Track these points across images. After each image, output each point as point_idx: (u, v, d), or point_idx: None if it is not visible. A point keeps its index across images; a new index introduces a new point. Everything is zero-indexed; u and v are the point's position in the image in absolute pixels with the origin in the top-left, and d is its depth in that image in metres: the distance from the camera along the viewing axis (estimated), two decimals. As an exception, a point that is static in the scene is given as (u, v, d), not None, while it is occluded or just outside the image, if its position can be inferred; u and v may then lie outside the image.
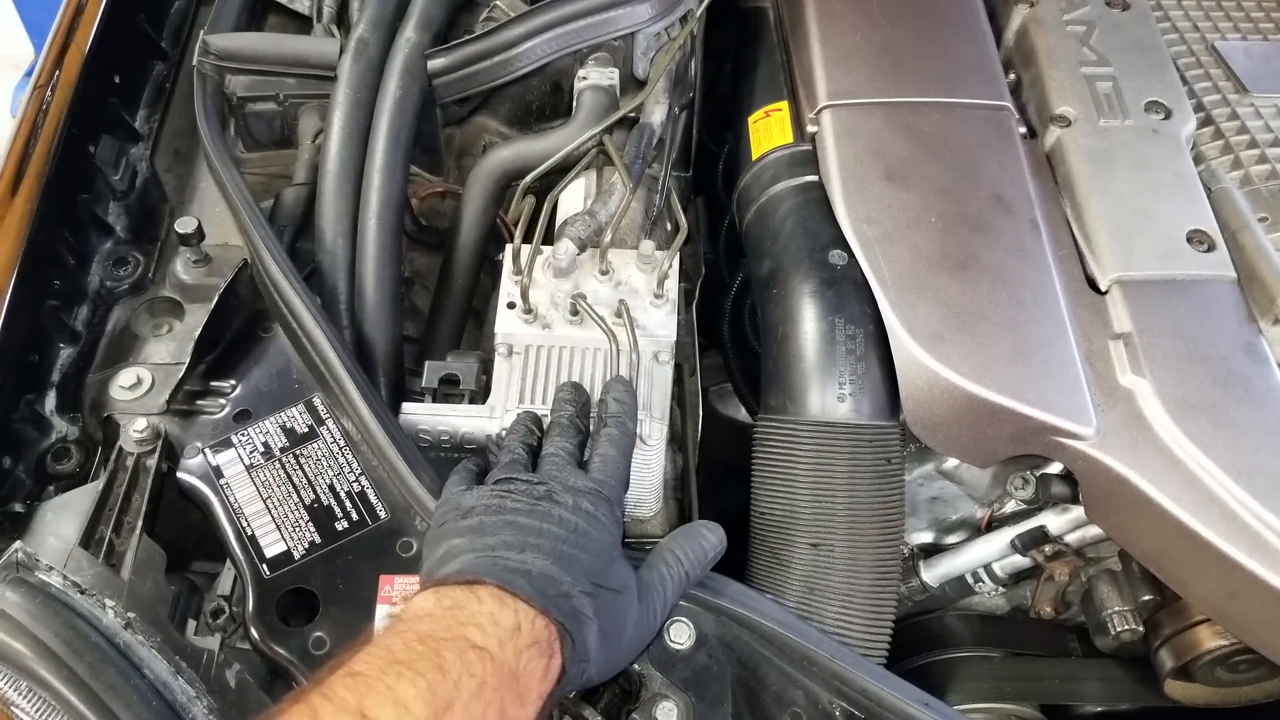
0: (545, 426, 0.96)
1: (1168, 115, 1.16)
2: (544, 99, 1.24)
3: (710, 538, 0.92)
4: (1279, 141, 1.17)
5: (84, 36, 1.13)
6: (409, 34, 1.16)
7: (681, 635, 0.91)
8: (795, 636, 0.91)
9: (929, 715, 0.86)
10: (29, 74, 3.06)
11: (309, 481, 0.97)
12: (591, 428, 0.96)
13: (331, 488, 0.97)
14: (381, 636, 0.72)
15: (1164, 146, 1.14)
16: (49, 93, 1.09)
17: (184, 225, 1.04)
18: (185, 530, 1.02)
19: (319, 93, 1.17)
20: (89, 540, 0.92)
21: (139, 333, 1.06)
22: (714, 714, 0.88)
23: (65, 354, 1.04)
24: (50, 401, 1.02)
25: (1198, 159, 1.16)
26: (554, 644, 0.76)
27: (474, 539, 0.81)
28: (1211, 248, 1.07)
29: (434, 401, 1.05)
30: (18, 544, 0.89)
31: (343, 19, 1.26)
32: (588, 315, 1.03)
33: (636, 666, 0.89)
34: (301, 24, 1.32)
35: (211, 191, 1.14)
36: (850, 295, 1.05)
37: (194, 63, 1.15)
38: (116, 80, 1.16)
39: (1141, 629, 1.08)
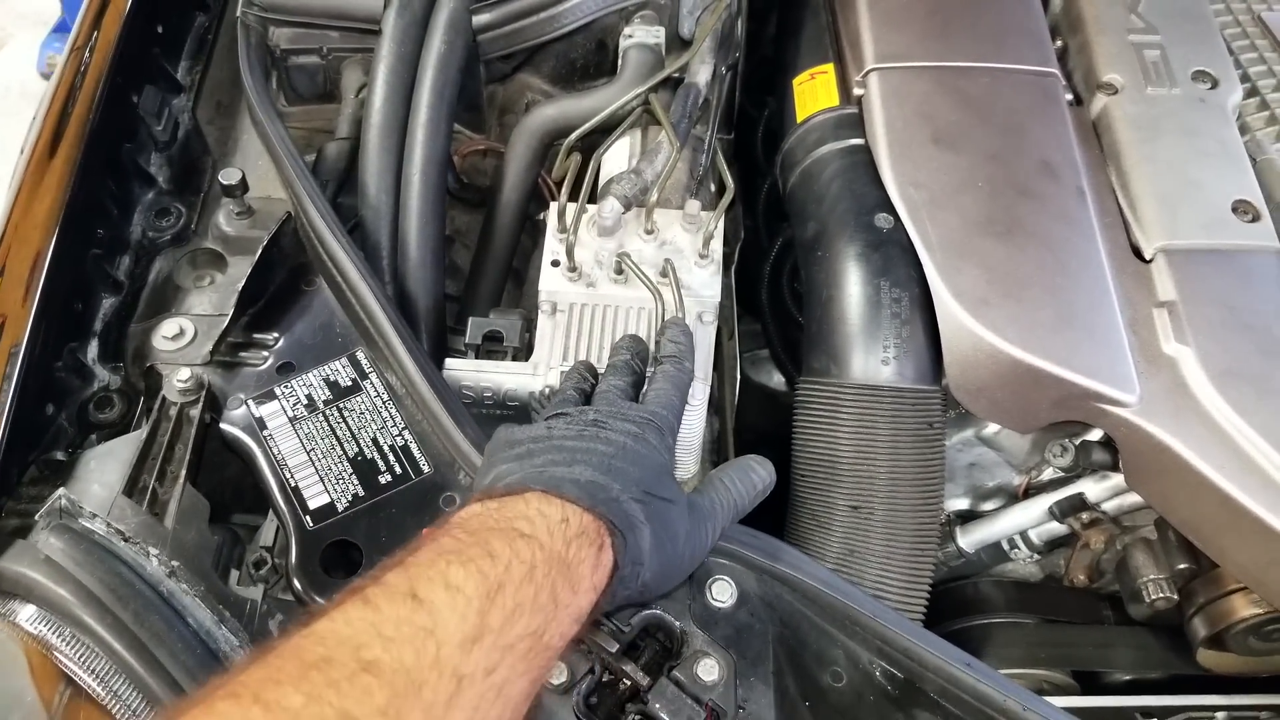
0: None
1: (1214, 85, 1.16)
2: (588, 57, 1.23)
3: (760, 472, 0.92)
4: (1325, 113, 1.16)
5: None
6: (454, -13, 1.15)
7: (724, 593, 0.91)
8: (838, 596, 0.90)
9: (971, 675, 0.86)
10: (56, 31, 3.07)
11: (352, 435, 0.98)
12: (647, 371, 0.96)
13: (375, 441, 0.97)
14: (427, 537, 0.71)
15: (1210, 116, 1.13)
16: (87, 54, 1.08)
17: (228, 176, 1.03)
18: (223, 482, 1.02)
19: (362, 46, 1.17)
20: (132, 489, 0.92)
21: (181, 284, 1.06)
22: (755, 672, 0.88)
23: (108, 303, 1.04)
24: (93, 350, 1.02)
25: (1243, 129, 1.15)
26: (604, 536, 0.75)
27: (522, 462, 0.81)
28: (1256, 218, 1.07)
29: (477, 358, 1.05)
30: (61, 490, 0.89)
31: (388, -28, 1.25)
32: (633, 274, 1.03)
33: (679, 624, 0.89)
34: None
35: (254, 144, 1.14)
36: (896, 258, 1.04)
37: (238, 14, 1.15)
38: (159, 30, 1.16)
39: (1176, 597, 1.08)
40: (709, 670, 0.87)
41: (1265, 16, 1.25)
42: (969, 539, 1.17)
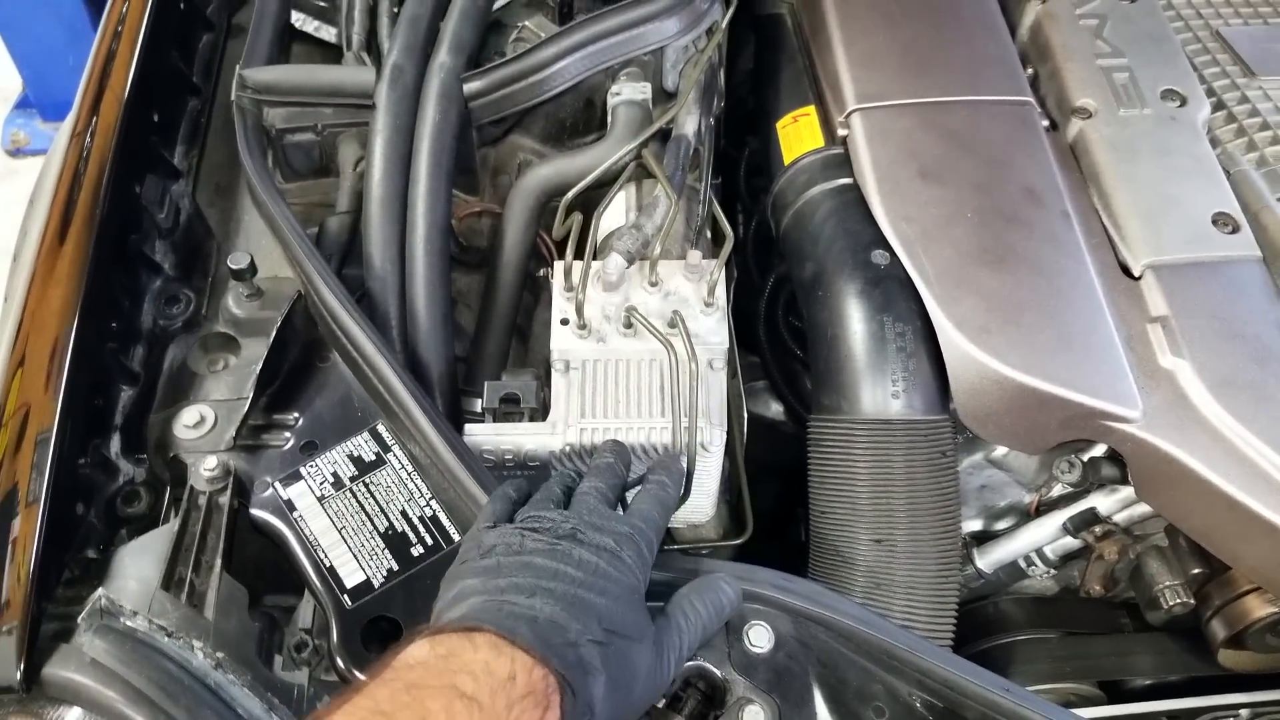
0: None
1: (1183, 102, 1.20)
2: (577, 115, 1.25)
3: (728, 592, 0.90)
4: (1290, 122, 1.21)
5: (118, 81, 1.13)
6: (443, 58, 1.17)
7: (761, 638, 0.93)
8: (875, 632, 0.92)
9: (1010, 700, 0.89)
10: (19, 107, 3.06)
11: (381, 509, 0.99)
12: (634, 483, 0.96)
13: (404, 513, 0.98)
14: (370, 686, 0.70)
15: (1182, 133, 1.18)
16: (88, 138, 1.09)
17: (236, 261, 1.05)
18: (244, 562, 1.02)
19: (356, 121, 1.18)
20: (169, 582, 0.92)
21: (196, 370, 1.07)
22: (799, 714, 0.90)
23: (126, 395, 1.04)
24: (115, 444, 1.02)
25: (1213, 143, 1.19)
26: (551, 696, 0.72)
27: (486, 580, 0.80)
28: (1236, 229, 1.11)
29: (494, 421, 1.07)
30: (100, 591, 0.89)
31: (371, 46, 1.27)
32: (643, 327, 1.05)
33: (719, 672, 0.91)
34: (327, 52, 1.33)
35: (255, 224, 1.15)
36: (896, 293, 1.07)
37: (233, 97, 1.16)
38: (155, 119, 1.17)
39: (1192, 601, 1.11)
40: (754, 716, 0.89)
41: (1224, 32, 1.30)
42: (987, 560, 1.19)
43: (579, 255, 1.07)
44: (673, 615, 0.86)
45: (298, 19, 1.32)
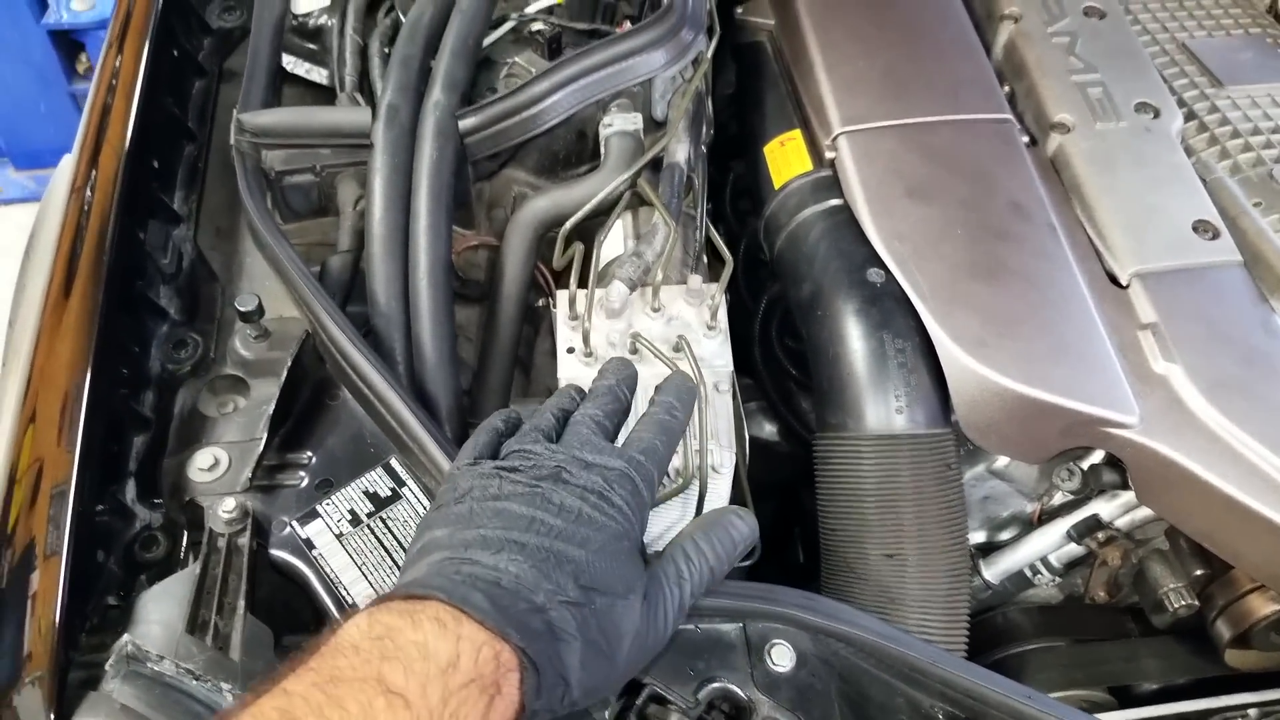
0: None
1: (1157, 114, 1.24)
2: (570, 147, 1.27)
3: (740, 526, 0.83)
4: (1259, 130, 1.25)
5: (115, 133, 1.14)
6: (437, 96, 1.18)
7: (783, 657, 0.93)
8: (896, 646, 0.93)
9: (1033, 707, 0.90)
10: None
11: (399, 543, 0.99)
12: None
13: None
14: (293, 676, 0.63)
15: (1158, 144, 1.22)
16: (89, 193, 1.09)
17: (245, 303, 1.05)
18: (259, 604, 1.02)
19: (354, 160, 1.19)
20: (193, 625, 0.91)
21: (206, 413, 1.07)
22: (825, 731, 0.91)
23: (139, 441, 1.05)
24: (131, 490, 1.02)
25: (1188, 152, 1.23)
26: (503, 679, 0.65)
27: (454, 531, 0.73)
28: (1216, 235, 1.14)
29: (504, 453, 1.08)
30: (126, 636, 0.89)
31: (364, 86, 1.29)
32: (649, 352, 1.06)
33: (743, 693, 0.91)
34: (319, 94, 1.35)
35: (258, 266, 1.16)
36: (893, 310, 1.10)
37: (231, 142, 1.17)
38: (155, 165, 1.18)
39: (1197, 603, 1.14)
40: (780, 735, 0.90)
41: (1190, 44, 1.34)
42: (993, 570, 1.21)
43: (582, 284, 1.09)
44: (671, 560, 0.80)
45: (289, 62, 1.33)
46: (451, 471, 0.82)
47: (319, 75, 1.33)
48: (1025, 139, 1.24)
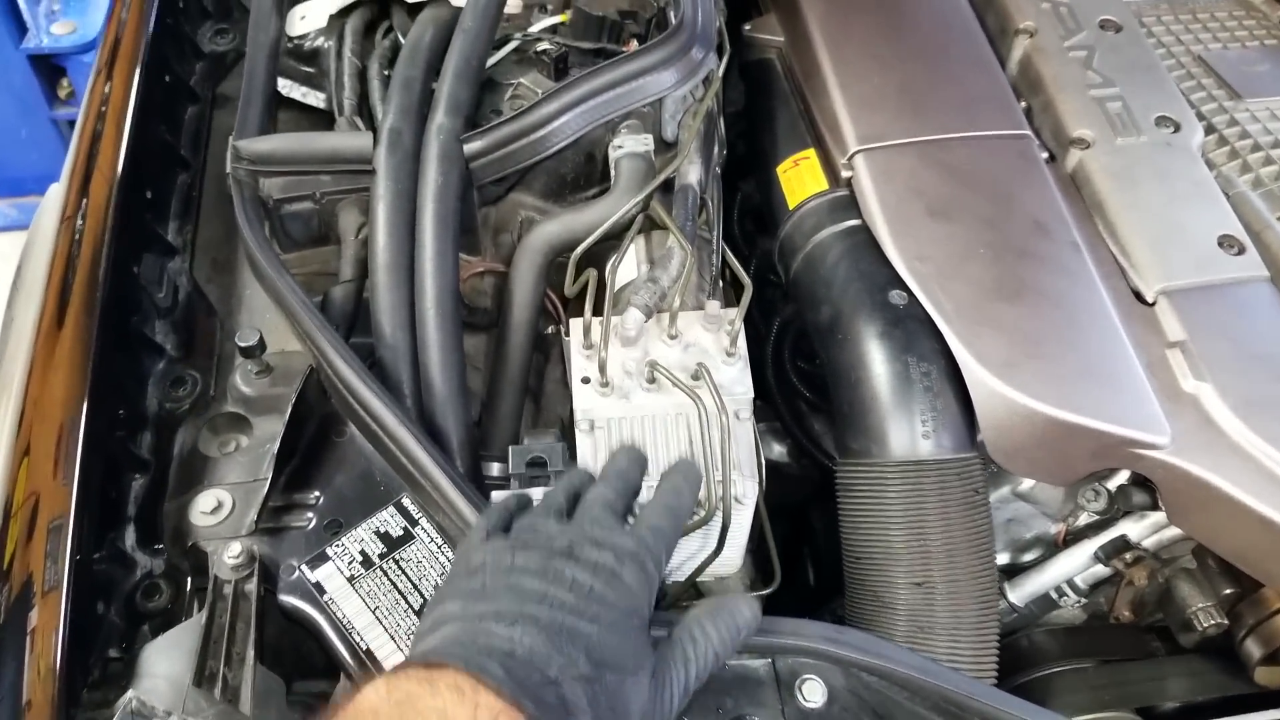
0: None
1: (1177, 128, 1.22)
2: (578, 170, 1.24)
3: (744, 613, 0.82)
4: (1279, 143, 1.23)
5: (106, 161, 1.10)
6: (440, 120, 1.15)
7: (814, 693, 0.91)
8: (930, 679, 0.91)
9: (1077, 740, 0.88)
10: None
11: (414, 585, 0.95)
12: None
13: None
14: None
15: (1180, 158, 1.19)
16: (79, 221, 1.06)
17: (245, 338, 1.02)
18: (267, 649, 0.99)
19: (356, 187, 1.16)
20: (201, 677, 0.88)
21: (207, 453, 1.03)
22: (859, 767, 0.88)
23: (137, 485, 1.01)
24: (130, 537, 0.98)
25: (1208, 166, 1.21)
26: None
27: (467, 604, 0.74)
28: (1242, 250, 1.12)
29: (520, 486, 1.04)
30: (130, 693, 0.85)
31: (363, 110, 1.25)
32: (668, 381, 1.03)
33: (776, 733, 0.89)
34: (315, 118, 1.31)
35: (258, 298, 1.12)
36: (917, 333, 1.07)
37: (228, 170, 1.13)
38: (148, 196, 1.14)
39: (1226, 622, 1.11)
40: (814, 775, 0.87)
41: (1206, 57, 1.32)
42: (1019, 593, 1.18)
43: (596, 312, 1.05)
44: (678, 642, 0.79)
45: (284, 86, 1.29)
46: (464, 547, 0.83)
47: (316, 99, 1.29)
48: (1044, 155, 1.22)
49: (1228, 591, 1.12)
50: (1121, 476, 1.09)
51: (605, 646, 0.73)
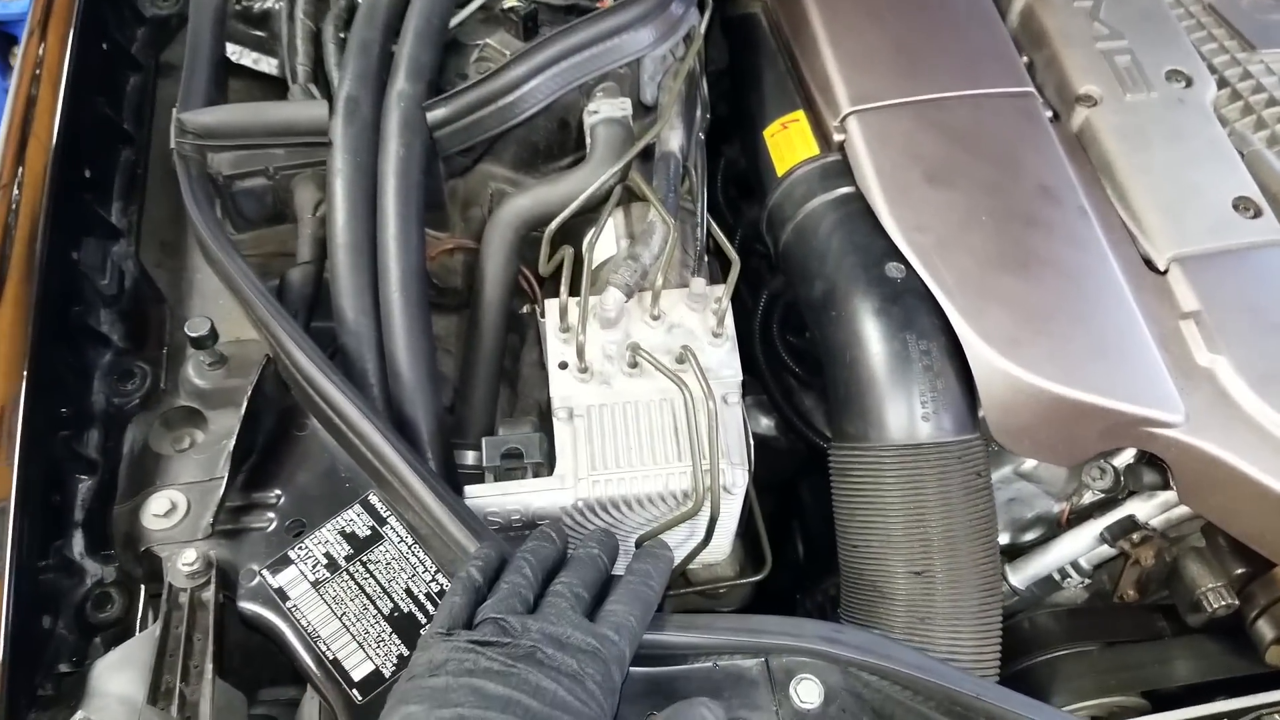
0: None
1: (1189, 83, 1.15)
2: (551, 138, 1.17)
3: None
4: (1296, 96, 1.17)
5: (42, 128, 1.02)
6: (401, 86, 1.08)
7: (810, 694, 0.87)
8: (933, 678, 0.86)
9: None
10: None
11: (383, 589, 0.89)
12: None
13: (408, 591, 0.90)
14: None
15: (1192, 115, 1.13)
16: (16, 190, 0.98)
17: (195, 327, 0.95)
18: (232, 652, 0.93)
19: (312, 160, 1.09)
20: (156, 695, 0.83)
21: (159, 450, 0.96)
22: (857, 769, 0.84)
23: (85, 487, 0.95)
24: (78, 543, 0.92)
25: (1221, 122, 1.15)
26: None
27: (430, 709, 0.73)
28: (1259, 213, 1.06)
29: (496, 479, 0.98)
30: (80, 713, 0.80)
31: (319, 77, 1.17)
32: (650, 366, 0.97)
33: (770, 735, 0.84)
34: (268, 86, 1.23)
35: (210, 283, 1.05)
36: (916, 308, 1.01)
37: (173, 145, 1.05)
38: (87, 174, 1.06)
39: (1236, 602, 1.07)
40: (811, 780, 0.83)
41: (1217, 5, 1.25)
42: (1021, 575, 1.14)
43: (573, 292, 0.99)
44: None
45: (234, 52, 1.21)
46: (425, 639, 0.80)
47: (268, 65, 1.21)
48: (1049, 114, 1.15)
49: (1239, 571, 1.08)
50: (1128, 454, 1.05)
51: None
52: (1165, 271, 1.04)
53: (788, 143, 1.16)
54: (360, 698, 0.84)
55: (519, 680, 0.74)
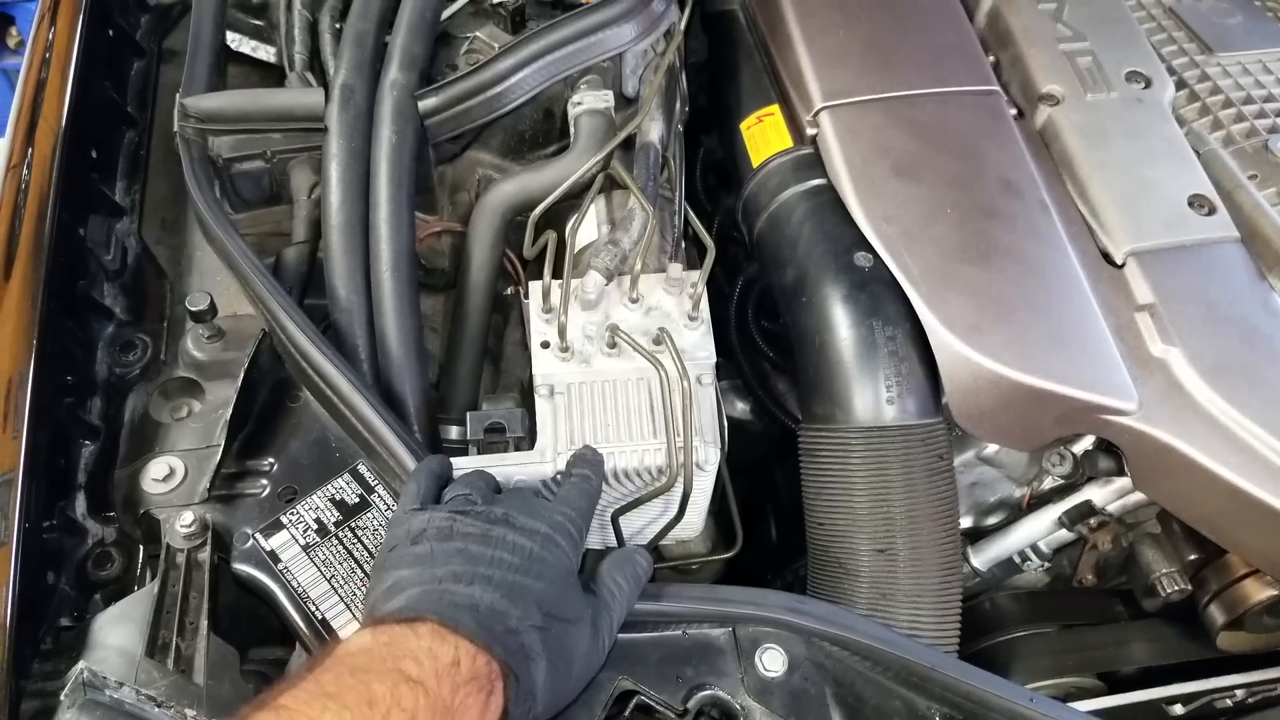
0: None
1: (1148, 84, 1.20)
2: (536, 127, 1.21)
3: (642, 563, 0.91)
4: (1252, 99, 1.21)
5: (51, 110, 1.06)
6: (394, 75, 1.12)
7: (775, 662, 0.91)
8: (892, 649, 0.91)
9: (1035, 710, 0.88)
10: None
11: (370, 554, 0.94)
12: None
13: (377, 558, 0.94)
14: (315, 673, 0.70)
15: (1150, 115, 1.17)
16: (25, 171, 1.02)
17: (195, 302, 0.99)
18: (221, 614, 0.97)
19: (308, 145, 1.13)
20: (153, 648, 0.87)
21: (159, 419, 1.01)
22: (819, 735, 0.88)
23: (87, 451, 0.99)
24: (81, 504, 0.97)
25: (1179, 122, 1.19)
26: (494, 681, 0.73)
27: (421, 570, 0.79)
28: (1212, 210, 1.11)
29: (479, 452, 1.03)
30: (81, 664, 0.84)
31: (315, 65, 1.21)
32: (629, 346, 1.01)
33: (733, 699, 0.89)
34: (265, 73, 1.27)
35: (209, 260, 1.09)
36: (883, 296, 1.05)
37: (175, 128, 1.09)
38: (94, 155, 1.10)
39: (1189, 587, 1.11)
40: (773, 743, 0.87)
41: (1178, 9, 1.29)
42: (982, 558, 1.18)
43: (556, 274, 1.03)
44: (602, 593, 0.87)
45: (233, 40, 1.25)
46: (399, 515, 0.86)
47: (266, 53, 1.25)
48: (1013, 111, 1.19)
49: (1192, 557, 1.12)
50: (1087, 441, 1.08)
51: (552, 600, 0.80)
52: (1122, 265, 1.08)
53: (762, 135, 1.21)
54: (347, 655, 0.89)
55: (498, 541, 0.81)
